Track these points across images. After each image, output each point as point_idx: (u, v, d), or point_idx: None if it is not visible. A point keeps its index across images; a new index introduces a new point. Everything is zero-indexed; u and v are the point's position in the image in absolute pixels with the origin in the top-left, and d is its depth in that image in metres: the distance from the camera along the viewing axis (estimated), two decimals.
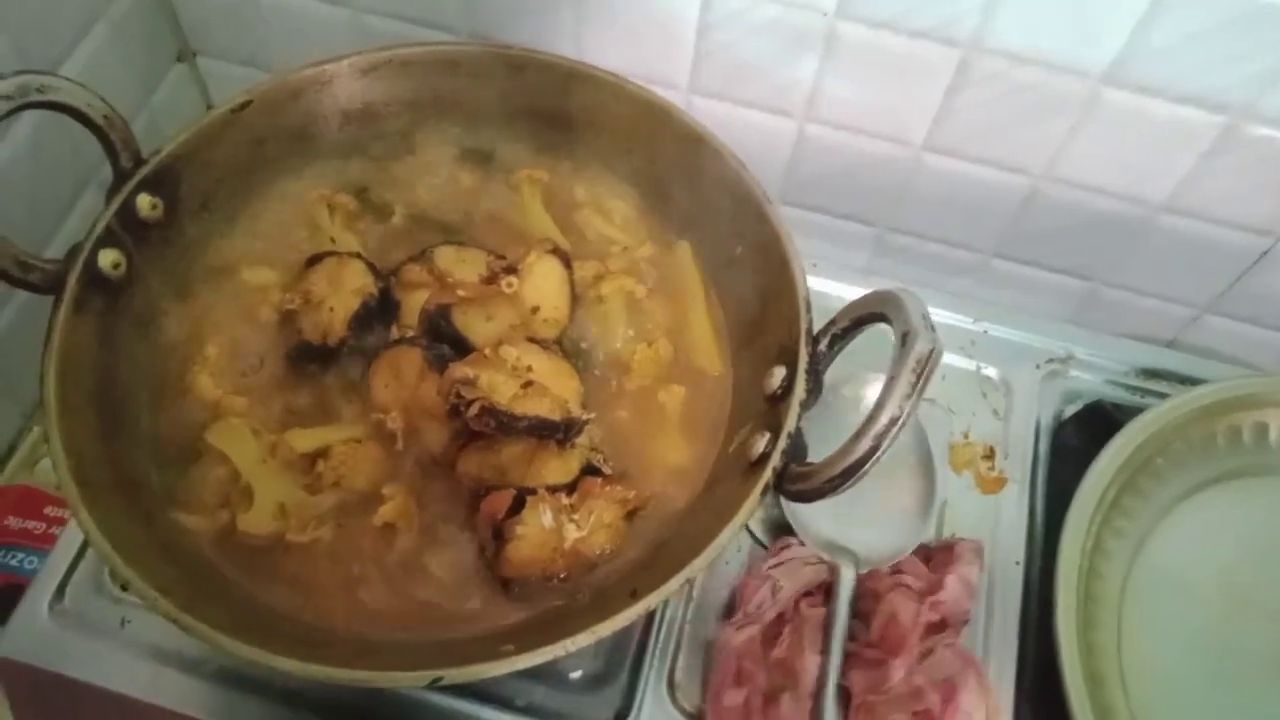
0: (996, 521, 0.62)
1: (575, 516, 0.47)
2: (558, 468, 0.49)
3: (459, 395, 0.47)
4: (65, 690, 0.53)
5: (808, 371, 0.47)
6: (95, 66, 0.73)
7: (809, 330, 0.48)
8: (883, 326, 0.44)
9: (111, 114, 0.50)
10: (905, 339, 0.41)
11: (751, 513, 0.44)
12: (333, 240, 0.57)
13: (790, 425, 0.45)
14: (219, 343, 0.53)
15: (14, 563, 0.68)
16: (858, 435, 0.40)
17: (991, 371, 0.68)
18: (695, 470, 0.51)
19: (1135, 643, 0.56)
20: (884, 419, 0.40)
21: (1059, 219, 0.72)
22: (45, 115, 0.49)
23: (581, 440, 0.51)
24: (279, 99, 0.56)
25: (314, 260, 0.54)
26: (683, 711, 0.55)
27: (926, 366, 0.40)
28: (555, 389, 0.49)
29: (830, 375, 0.48)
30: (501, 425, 0.47)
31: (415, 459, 0.50)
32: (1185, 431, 0.60)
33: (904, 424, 0.40)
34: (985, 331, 0.69)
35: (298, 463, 0.50)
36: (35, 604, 0.55)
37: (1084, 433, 0.63)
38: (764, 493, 0.44)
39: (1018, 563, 0.60)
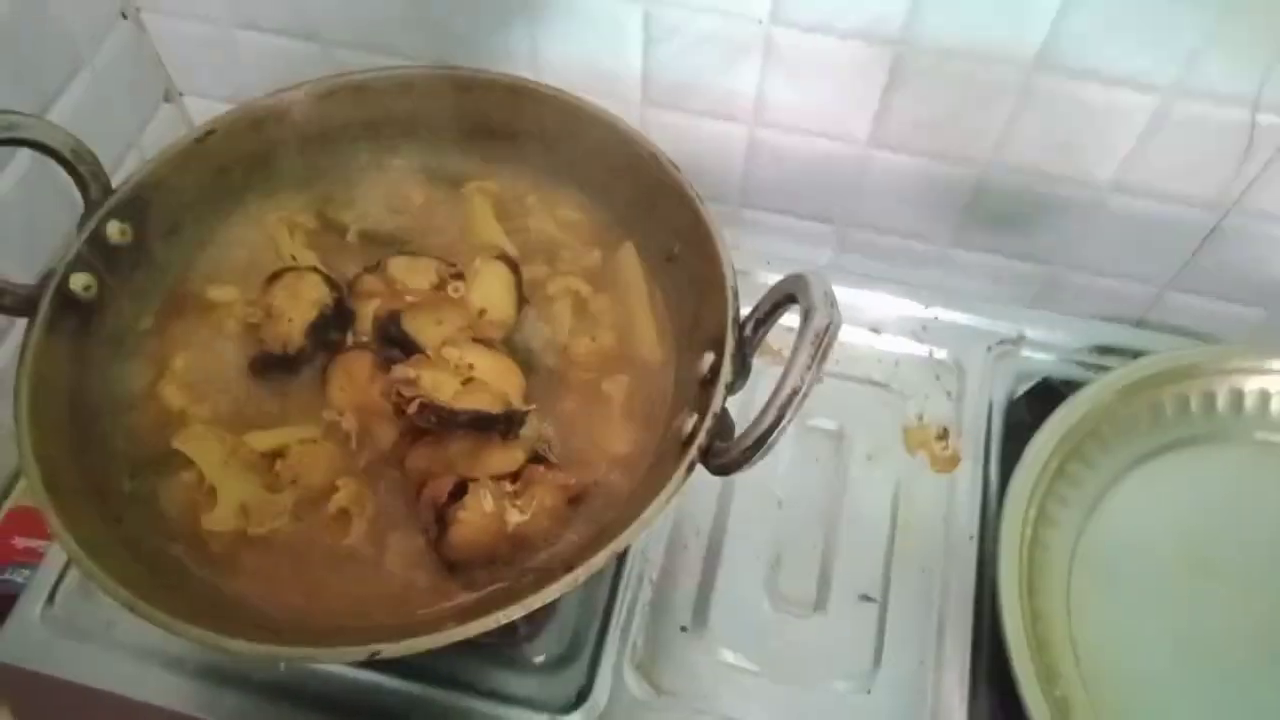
0: (951, 499, 0.63)
1: (518, 502, 0.49)
2: (503, 459, 0.51)
3: (399, 394, 0.49)
4: (58, 691, 0.57)
5: (734, 355, 0.49)
6: (83, 111, 0.78)
7: (735, 317, 0.50)
8: None
9: (79, 147, 0.54)
10: (807, 315, 0.43)
11: (677, 489, 0.46)
12: (293, 258, 0.60)
13: (716, 406, 0.47)
14: (186, 357, 0.56)
15: (19, 579, 0.72)
16: (765, 408, 0.42)
17: (943, 354, 0.69)
18: (638, 456, 0.54)
19: (1085, 610, 0.57)
20: (787, 390, 0.42)
21: (1010, 205, 0.74)
22: (35, 162, 0.52)
23: (529, 432, 0.53)
24: (240, 128, 0.59)
25: (275, 276, 0.57)
26: (641, 688, 0.57)
27: (825, 339, 0.42)
28: (497, 385, 0.52)
29: None
30: (442, 420, 0.50)
31: (369, 457, 0.53)
32: (1131, 401, 0.62)
33: (805, 395, 0.42)
34: (936, 317, 0.71)
35: (258, 463, 0.52)
36: (28, 610, 0.58)
37: (1036, 410, 0.65)
38: (689, 469, 0.46)
39: (971, 537, 0.62)
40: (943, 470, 0.64)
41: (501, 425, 0.51)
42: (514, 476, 0.51)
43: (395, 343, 0.54)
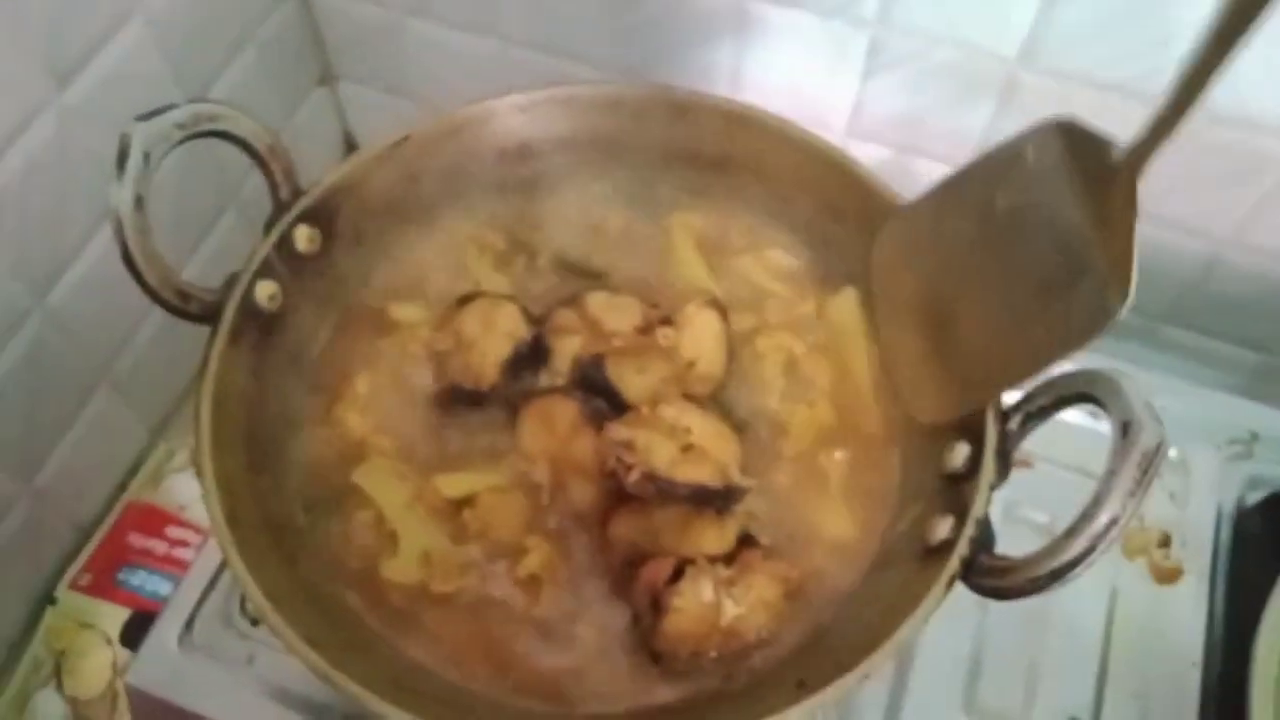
0: (1172, 616, 0.57)
1: (734, 591, 0.44)
2: (714, 536, 0.46)
3: (619, 460, 0.44)
4: None
5: (997, 451, 0.43)
6: (242, 88, 0.74)
7: (998, 406, 0.44)
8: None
9: (276, 145, 0.49)
10: (1127, 430, 0.37)
11: (936, 605, 0.40)
12: (480, 280, 0.55)
13: (979, 511, 0.42)
14: (368, 380, 0.51)
15: (135, 582, 0.69)
16: (1071, 533, 0.36)
17: (1169, 451, 0.62)
18: (859, 547, 0.48)
19: None
20: (1103, 518, 0.36)
21: (1241, 287, 0.67)
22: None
23: (738, 507, 0.48)
24: (438, 136, 0.55)
25: (465, 300, 0.52)
26: None
27: (1154, 462, 0.36)
28: (714, 452, 0.47)
29: None
30: (661, 492, 0.44)
31: (561, 514, 0.48)
32: None
33: (1125, 525, 0.36)
34: (1162, 407, 0.64)
35: (444, 509, 0.48)
36: (166, 634, 0.54)
37: (1270, 523, 0.58)
38: (949, 585, 0.40)
39: (1195, 664, 0.55)
40: (1163, 582, 0.58)
41: (720, 501, 0.46)
42: (727, 559, 0.45)
43: (597, 390, 0.49)
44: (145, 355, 0.73)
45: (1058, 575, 0.37)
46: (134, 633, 0.64)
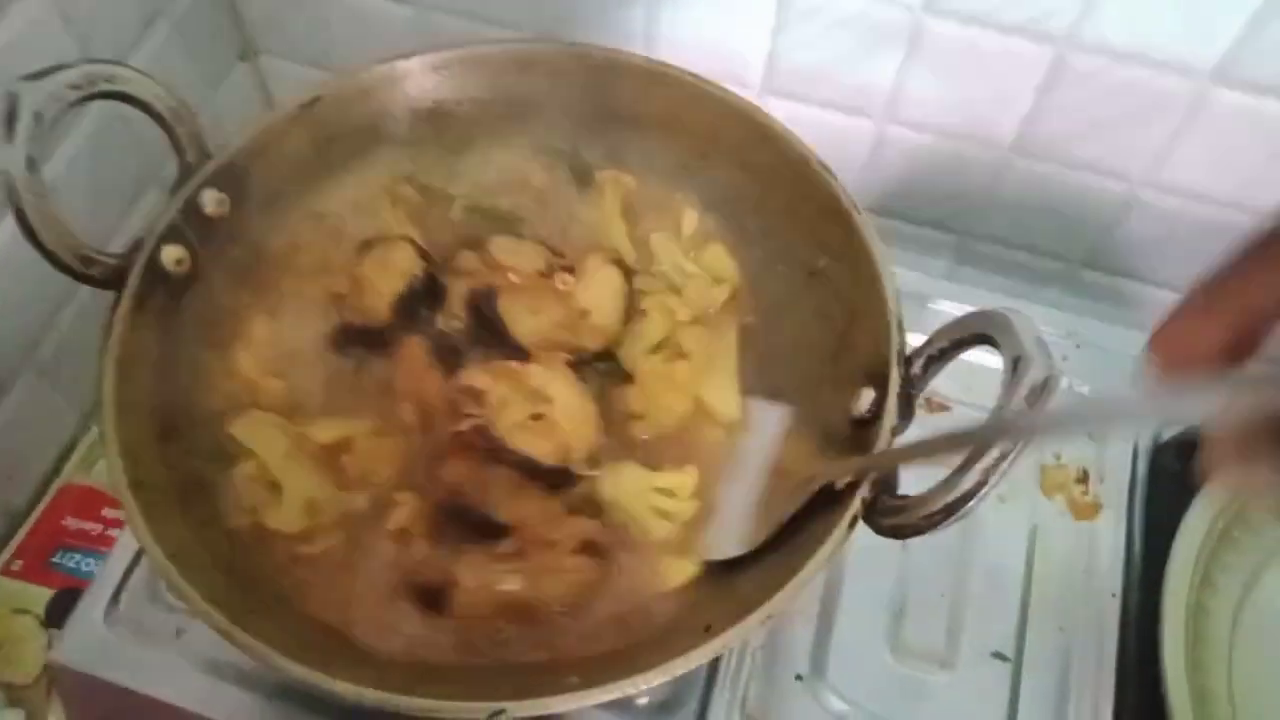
0: (1091, 550, 0.58)
1: (517, 566, 0.44)
2: (540, 509, 0.46)
3: (459, 406, 0.44)
4: (119, 699, 0.52)
5: (900, 395, 0.44)
6: (158, 64, 0.73)
7: (901, 351, 0.45)
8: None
9: (179, 107, 0.49)
10: (1017, 365, 0.37)
11: (838, 547, 0.41)
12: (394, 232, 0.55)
13: None
14: (267, 326, 0.51)
15: (70, 564, 0.68)
16: (963, 468, 0.37)
17: (1085, 390, 0.64)
18: None
19: (1249, 685, 0.52)
20: (994, 452, 0.36)
21: (1158, 227, 0.68)
22: (109, 112, 0.47)
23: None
24: (349, 96, 0.54)
25: (366, 245, 0.53)
26: None
27: (1042, 396, 0.36)
28: (567, 428, 0.47)
29: None
30: (491, 450, 0.45)
31: (429, 454, 0.48)
32: None
33: (1015, 459, 0.36)
34: (1078, 346, 0.65)
35: (323, 456, 0.48)
36: (91, 610, 0.53)
37: (1185, 458, 0.59)
38: (851, 525, 0.41)
39: (1114, 595, 0.56)
40: (1083, 518, 0.59)
41: (550, 479, 0.47)
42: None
43: (486, 325, 0.50)
44: (70, 339, 0.72)
45: (952, 510, 0.37)
46: (59, 610, 0.64)
